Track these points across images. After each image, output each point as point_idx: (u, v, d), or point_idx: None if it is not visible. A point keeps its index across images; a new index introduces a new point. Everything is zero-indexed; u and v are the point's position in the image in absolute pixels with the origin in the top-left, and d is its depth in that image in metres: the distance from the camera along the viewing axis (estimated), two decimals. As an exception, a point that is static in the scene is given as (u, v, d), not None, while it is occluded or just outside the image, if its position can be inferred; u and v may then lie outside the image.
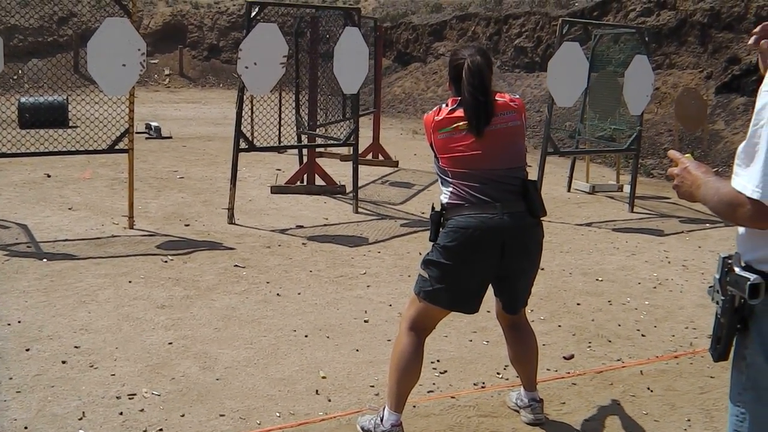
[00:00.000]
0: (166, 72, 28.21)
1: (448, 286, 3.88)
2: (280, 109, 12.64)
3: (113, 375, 4.74)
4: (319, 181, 10.55)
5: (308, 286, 6.53)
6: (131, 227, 8.22)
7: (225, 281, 6.59)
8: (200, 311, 5.87)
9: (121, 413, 4.26)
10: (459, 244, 3.82)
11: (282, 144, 12.65)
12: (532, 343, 4.28)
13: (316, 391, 4.62)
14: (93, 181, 10.76)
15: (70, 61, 20.90)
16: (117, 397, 4.44)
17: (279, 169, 11.88)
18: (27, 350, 5.05)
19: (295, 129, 11.16)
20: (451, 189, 3.89)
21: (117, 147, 8.20)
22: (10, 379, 4.62)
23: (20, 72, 23.20)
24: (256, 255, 7.42)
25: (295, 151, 11.84)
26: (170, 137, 15.36)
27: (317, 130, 10.70)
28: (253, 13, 8.61)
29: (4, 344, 5.10)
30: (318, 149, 11.23)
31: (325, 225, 8.81)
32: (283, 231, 8.43)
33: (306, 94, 10.76)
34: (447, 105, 3.96)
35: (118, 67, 7.76)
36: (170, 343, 5.24)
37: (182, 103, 23.18)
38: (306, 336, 5.45)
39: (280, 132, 12.70)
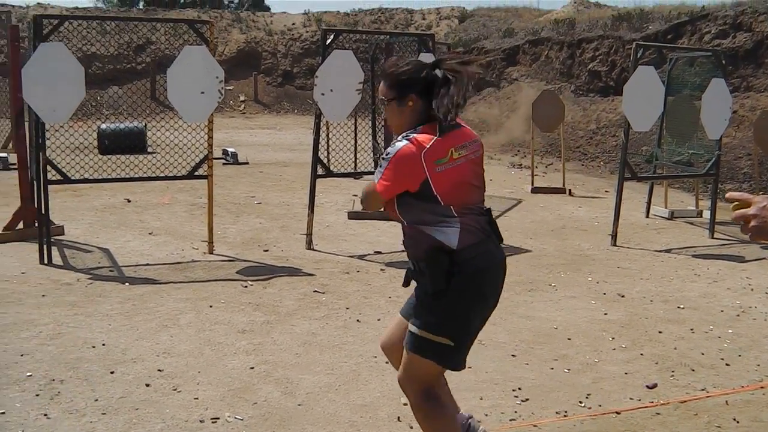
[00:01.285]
0: (241, 98, 28.62)
1: (465, 340, 3.49)
2: (355, 135, 12.74)
3: (196, 399, 4.79)
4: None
5: (387, 312, 6.52)
6: (211, 252, 8.33)
7: (305, 306, 6.63)
8: (281, 336, 5.91)
9: (203, 438, 4.32)
10: (481, 289, 3.41)
11: (358, 170, 12.72)
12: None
13: (398, 418, 4.60)
14: (172, 206, 10.95)
15: (147, 88, 21.32)
16: (200, 421, 4.48)
17: (355, 195, 11.93)
18: (112, 372, 5.13)
19: (370, 155, 11.21)
20: (457, 228, 3.36)
21: (196, 173, 8.33)
22: (96, 400, 4.71)
23: (99, 99, 23.82)
24: (335, 281, 7.46)
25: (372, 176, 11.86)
26: (247, 163, 15.56)
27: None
28: (329, 40, 8.68)
29: (89, 366, 5.20)
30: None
31: (402, 251, 8.76)
32: (361, 257, 8.46)
33: (382, 121, 10.80)
34: (421, 132, 3.39)
35: (197, 95, 7.92)
36: (252, 368, 5.28)
37: (257, 129, 23.48)
38: (386, 362, 5.44)
39: (356, 158, 12.79)
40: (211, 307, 6.54)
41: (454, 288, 3.36)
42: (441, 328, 3.41)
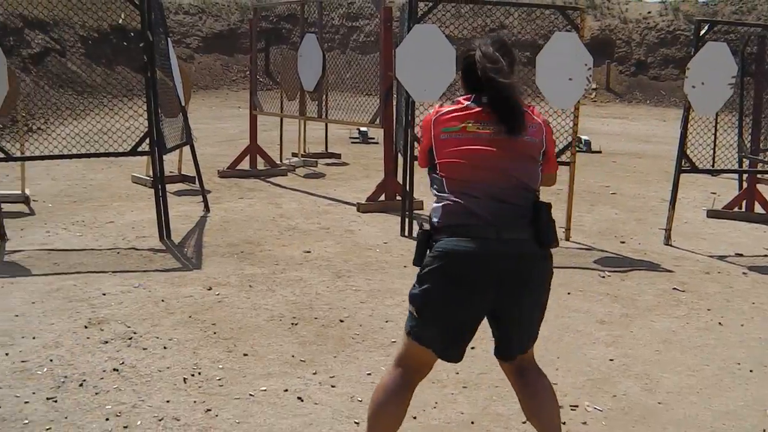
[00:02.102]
0: (593, 86, 28.36)
1: (434, 321, 3.28)
2: (715, 130, 12.19)
3: (555, 384, 4.80)
4: (758, 209, 10.03)
5: (751, 318, 6.22)
6: (568, 239, 8.36)
7: (664, 303, 6.48)
8: (640, 331, 5.81)
9: (564, 423, 4.34)
10: (447, 272, 3.21)
11: (716, 167, 12.18)
12: (546, 394, 3.59)
13: (764, 430, 4.39)
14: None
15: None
16: (560, 407, 4.52)
17: (714, 193, 11.47)
18: (473, 348, 5.25)
19: (730, 152, 10.69)
20: (444, 204, 3.26)
21: (559, 160, 8.39)
22: (457, 373, 4.88)
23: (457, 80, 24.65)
24: (695, 280, 7.21)
25: (731, 174, 11.36)
26: (599, 152, 15.42)
27: (762, 155, 10.16)
28: (703, 32, 8.37)
29: None
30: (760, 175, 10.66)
31: (766, 256, 8.35)
32: (721, 257, 8.11)
33: (750, 117, 10.27)
34: (454, 103, 3.38)
35: (564, 81, 7.95)
36: (611, 360, 5.24)
37: (609, 118, 23.19)
38: (751, 371, 5.20)
39: (714, 154, 12.25)
40: (569, 294, 6.57)
41: (425, 264, 3.25)
42: (411, 296, 3.33)
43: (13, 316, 5.67)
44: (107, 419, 4.11)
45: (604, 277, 7.12)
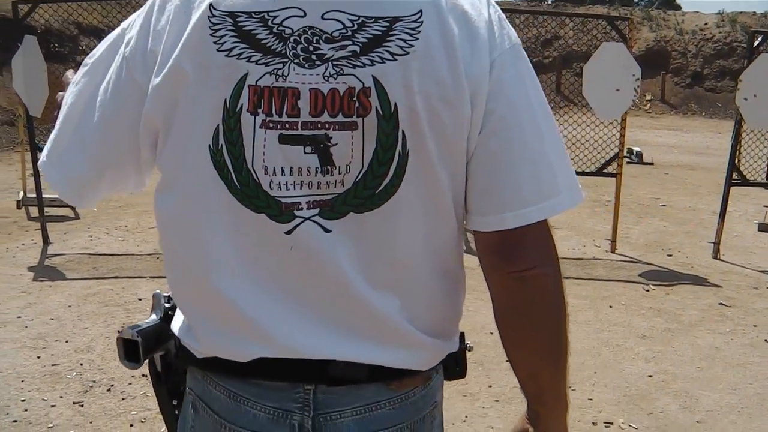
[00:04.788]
0: (648, 97, 28.02)
1: None
2: (771, 142, 11.95)
3: (590, 399, 4.74)
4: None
5: (800, 335, 6.06)
6: (613, 251, 8.22)
7: (708, 318, 6.32)
8: (682, 347, 5.67)
9: (598, 439, 4.26)
10: None
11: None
12: None
13: (807, 452, 4.25)
14: (574, 202, 10.89)
15: (552, 82, 21.47)
16: (593, 423, 4.43)
17: (766, 206, 11.22)
18: (507, 361, 5.18)
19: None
20: None
21: (605, 171, 8.27)
22: (489, 387, 4.81)
23: None
24: (742, 295, 7.02)
25: (783, 188, 11.13)
26: (651, 163, 15.19)
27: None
28: (756, 43, 8.20)
29: (486, 352, 5.24)
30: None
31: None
32: (772, 272, 7.93)
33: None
34: None
35: (611, 92, 7.84)
36: (650, 376, 5.12)
37: (663, 130, 22.86)
38: (796, 390, 5.05)
39: (768, 167, 12.02)
40: (610, 307, 6.44)
41: None
42: None
43: (48, 319, 5.71)
44: (132, 425, 4.11)
45: (648, 290, 6.98)
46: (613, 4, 38.26)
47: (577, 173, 5.59)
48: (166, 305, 1.71)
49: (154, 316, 1.68)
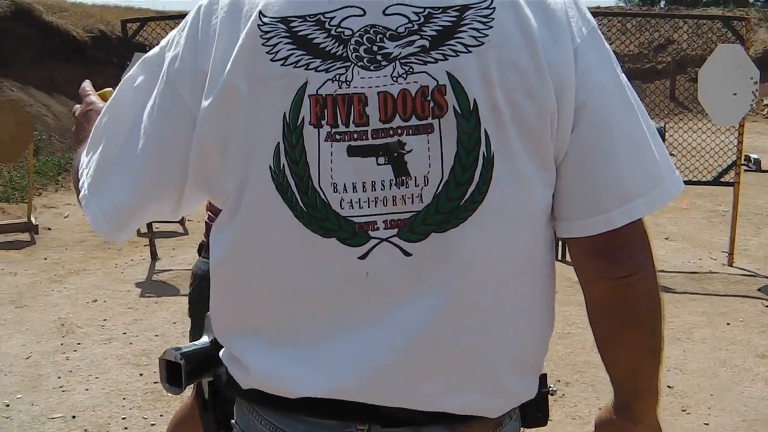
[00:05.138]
0: (765, 102, 27.05)
1: None
2: None
3: (706, 424, 4.47)
4: None
5: None
6: (731, 264, 7.83)
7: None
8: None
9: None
10: None
11: None
12: None
13: None
14: (689, 212, 10.52)
15: (666, 88, 20.93)
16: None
17: None
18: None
19: None
20: None
21: (722, 180, 7.92)
22: (599, 409, 4.52)
23: None
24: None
25: None
26: (770, 171, 14.62)
27: None
28: None
29: (596, 372, 4.99)
30: None
31: None
32: None
33: None
34: None
35: (728, 96, 7.52)
36: (772, 399, 4.81)
37: (785, 136, 22.01)
38: None
39: None
40: (728, 324, 6.09)
41: None
42: None
43: (153, 335, 5.74)
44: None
45: (767, 306, 6.61)
46: (727, 5, 37.17)
47: (693, 182, 5.30)
48: None
49: (205, 338, 1.54)
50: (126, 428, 4.34)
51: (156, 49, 1.39)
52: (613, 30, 8.39)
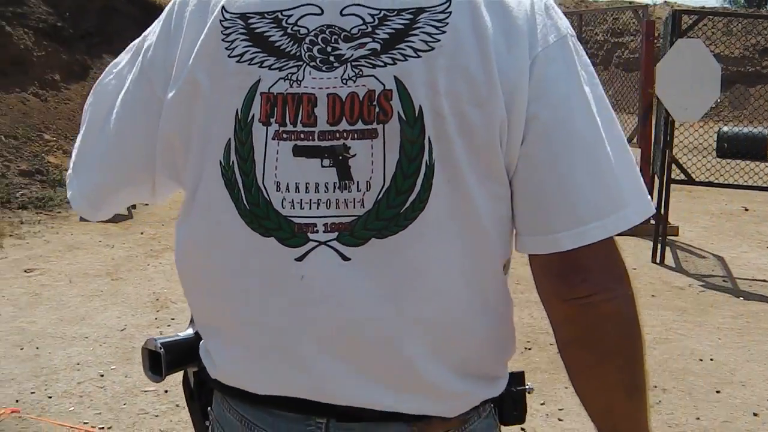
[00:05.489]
0: None
1: None
2: None
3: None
4: None
5: None
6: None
7: None
8: None
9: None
10: None
11: None
12: None
13: None
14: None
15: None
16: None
17: None
18: (717, 392, 4.78)
19: None
20: None
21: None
22: (697, 419, 4.43)
23: (719, 101, 18.80)
24: None
25: None
26: None
27: None
28: None
29: (694, 380, 4.93)
30: None
31: None
32: None
33: None
34: None
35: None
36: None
37: None
38: None
39: None
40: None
41: None
42: None
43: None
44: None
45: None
46: (842, 5, 26.52)
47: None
48: None
49: (190, 330, 1.50)
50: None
51: (141, 36, 1.38)
52: (717, 33, 8.66)
